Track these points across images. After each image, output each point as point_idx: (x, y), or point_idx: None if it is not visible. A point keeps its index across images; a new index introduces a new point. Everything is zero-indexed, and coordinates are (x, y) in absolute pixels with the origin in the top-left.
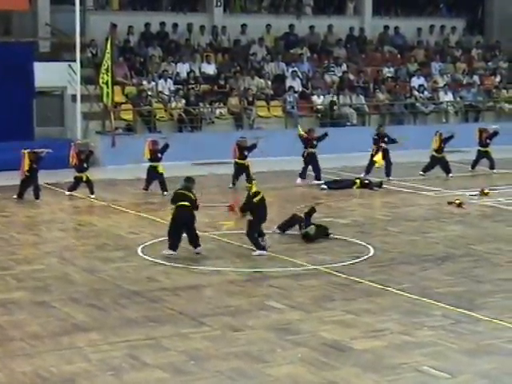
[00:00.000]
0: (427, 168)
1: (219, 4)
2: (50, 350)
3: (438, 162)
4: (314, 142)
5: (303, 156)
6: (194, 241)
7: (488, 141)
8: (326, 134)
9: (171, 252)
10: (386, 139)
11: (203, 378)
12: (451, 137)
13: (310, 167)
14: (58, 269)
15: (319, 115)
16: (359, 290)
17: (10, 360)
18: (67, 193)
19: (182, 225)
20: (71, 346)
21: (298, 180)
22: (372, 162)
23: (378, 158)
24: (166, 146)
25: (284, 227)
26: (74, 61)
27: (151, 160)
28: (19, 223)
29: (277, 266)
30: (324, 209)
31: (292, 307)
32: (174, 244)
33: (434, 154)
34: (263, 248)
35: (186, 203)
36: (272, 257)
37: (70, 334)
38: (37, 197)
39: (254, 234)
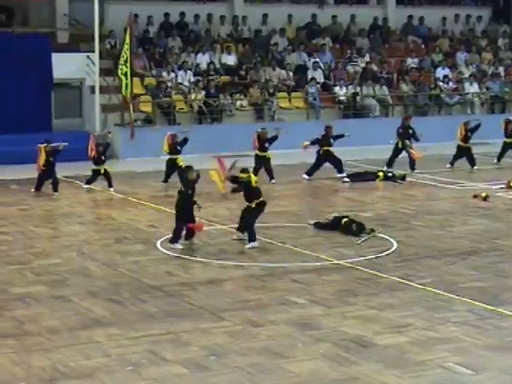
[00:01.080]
0: (454, 159)
1: None
2: (68, 345)
3: (465, 152)
4: (331, 140)
5: (318, 153)
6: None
7: None
8: (343, 135)
9: (171, 245)
10: (410, 131)
11: (223, 374)
12: (478, 126)
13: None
14: (77, 263)
15: (341, 107)
16: (382, 284)
17: (27, 355)
18: (85, 186)
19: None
20: (90, 340)
21: (305, 176)
22: (394, 156)
23: (417, 154)
24: (186, 141)
25: (322, 227)
26: (93, 52)
27: (170, 153)
28: (37, 216)
29: (298, 261)
30: (346, 202)
31: (314, 302)
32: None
33: (461, 143)
34: (255, 240)
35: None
36: (294, 251)
37: (88, 329)
38: (55, 190)
39: (253, 224)
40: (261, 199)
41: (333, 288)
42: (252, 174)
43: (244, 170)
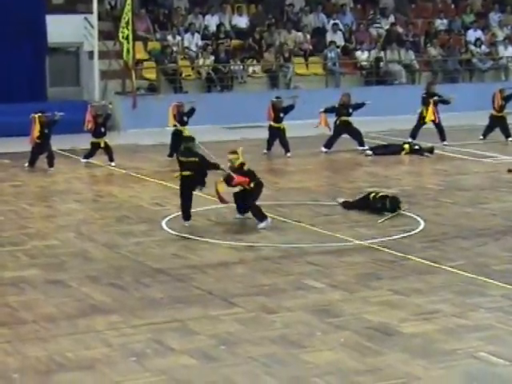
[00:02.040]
0: (487, 130)
1: None
2: (65, 334)
3: (498, 122)
4: (350, 110)
5: (335, 124)
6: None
7: None
8: (363, 104)
9: (185, 223)
10: (435, 98)
11: (235, 365)
12: None
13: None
14: (75, 244)
15: (364, 73)
16: (408, 267)
17: (21, 344)
18: (83, 160)
19: (189, 194)
20: (89, 329)
21: (323, 149)
22: (419, 125)
23: (429, 114)
24: (192, 111)
25: (350, 206)
26: (91, 13)
27: (176, 125)
28: (31, 194)
29: (316, 241)
30: (368, 177)
31: (333, 286)
32: (184, 215)
33: (494, 112)
34: (266, 217)
35: (188, 172)
36: (311, 231)
37: (87, 316)
38: (50, 165)
39: (256, 204)
40: (259, 180)
41: (354, 271)
42: (237, 158)
43: (233, 152)
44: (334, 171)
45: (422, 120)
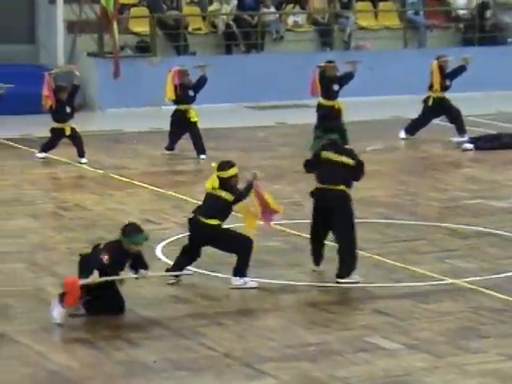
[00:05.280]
0: None
1: None
2: None
3: None
4: (447, 82)
5: (425, 102)
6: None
7: None
8: (463, 68)
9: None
10: None
11: None
12: None
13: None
14: (26, 280)
15: (461, 26)
16: None
17: None
18: (40, 155)
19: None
20: None
21: (402, 134)
22: None
23: None
24: (203, 81)
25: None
26: None
27: (178, 101)
28: None
29: (388, 279)
30: (469, 183)
31: (413, 348)
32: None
33: None
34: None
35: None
36: (380, 263)
37: None
38: None
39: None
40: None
41: (444, 324)
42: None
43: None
44: (414, 173)
45: None
